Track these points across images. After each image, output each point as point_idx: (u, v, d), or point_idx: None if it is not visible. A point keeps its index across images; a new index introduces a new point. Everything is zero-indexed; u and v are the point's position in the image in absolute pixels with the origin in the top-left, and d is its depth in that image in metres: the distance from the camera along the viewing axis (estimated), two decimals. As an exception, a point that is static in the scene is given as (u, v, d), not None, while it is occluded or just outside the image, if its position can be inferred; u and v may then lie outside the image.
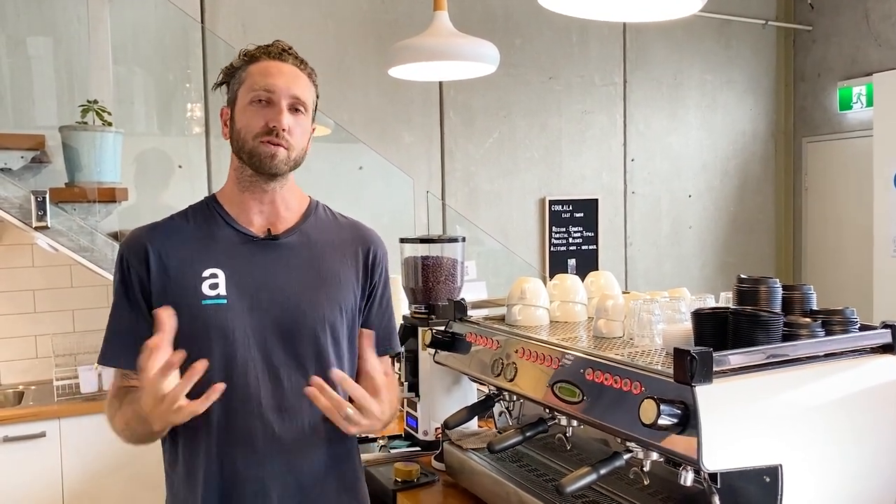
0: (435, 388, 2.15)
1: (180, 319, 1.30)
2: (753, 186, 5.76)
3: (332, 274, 1.46)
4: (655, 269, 5.41)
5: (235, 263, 1.40)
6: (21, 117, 3.55)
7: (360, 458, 1.56)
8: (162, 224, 1.45)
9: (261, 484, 1.38)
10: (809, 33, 5.65)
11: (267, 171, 1.40)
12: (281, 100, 1.38)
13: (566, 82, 4.99)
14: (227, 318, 1.37)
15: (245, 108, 1.39)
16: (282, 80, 1.39)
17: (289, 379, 1.39)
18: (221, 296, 1.37)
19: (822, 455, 1.31)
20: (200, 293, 1.37)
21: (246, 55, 1.43)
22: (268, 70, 1.39)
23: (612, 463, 1.36)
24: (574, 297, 1.87)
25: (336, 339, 1.45)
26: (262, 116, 1.38)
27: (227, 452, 1.37)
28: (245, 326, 1.38)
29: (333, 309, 1.45)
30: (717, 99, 5.55)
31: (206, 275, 1.38)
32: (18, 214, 2.92)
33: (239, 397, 1.36)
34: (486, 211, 4.77)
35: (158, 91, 3.99)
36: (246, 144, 1.39)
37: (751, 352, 1.29)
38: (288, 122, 1.38)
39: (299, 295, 1.42)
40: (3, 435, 3.05)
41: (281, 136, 1.37)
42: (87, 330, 3.63)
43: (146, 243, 1.39)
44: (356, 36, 4.32)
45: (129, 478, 3.22)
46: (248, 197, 1.44)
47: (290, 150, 1.40)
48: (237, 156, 1.42)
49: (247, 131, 1.38)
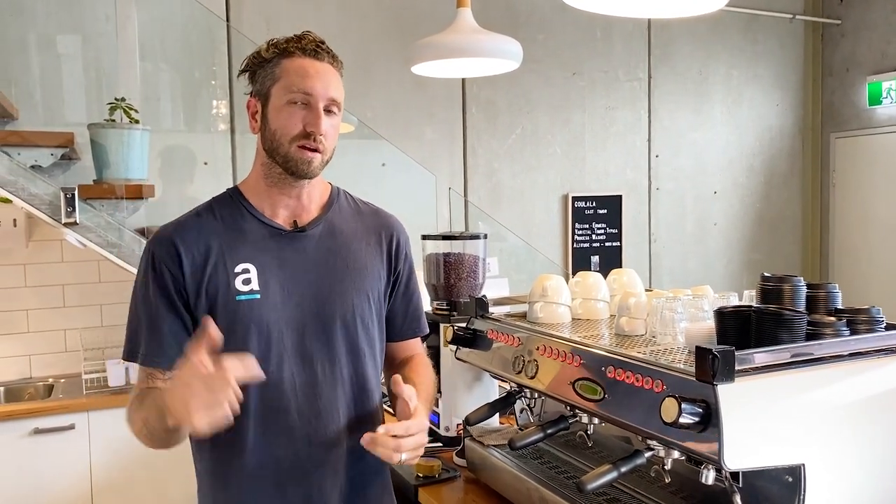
0: (456, 384, 2.15)
1: (216, 315, 1.33)
2: (780, 183, 5.69)
3: (359, 262, 1.48)
4: (680, 266, 5.37)
5: (265, 257, 1.41)
6: (51, 115, 3.60)
7: None
8: (188, 221, 1.44)
9: (302, 473, 1.41)
10: (838, 27, 5.56)
11: (302, 176, 1.40)
12: (318, 103, 1.37)
13: (590, 78, 4.96)
14: (262, 312, 1.38)
15: (281, 109, 1.37)
16: (319, 82, 1.37)
17: (322, 369, 1.41)
18: (255, 290, 1.38)
19: (845, 455, 1.30)
20: (234, 289, 1.38)
21: (276, 47, 1.40)
22: (304, 70, 1.37)
23: (633, 461, 1.36)
24: (596, 294, 1.86)
25: (366, 326, 1.47)
26: (299, 119, 1.36)
27: (265, 444, 1.38)
28: (278, 320, 1.39)
29: (361, 297, 1.46)
30: (743, 94, 5.49)
31: (238, 270, 1.39)
32: (48, 211, 2.97)
33: (274, 389, 1.38)
34: (509, 207, 4.77)
35: (184, 88, 4.04)
36: (281, 147, 1.38)
37: (774, 351, 1.28)
38: (325, 127, 1.38)
39: (328, 286, 1.44)
40: (33, 427, 3.11)
41: (318, 140, 1.37)
42: (114, 325, 3.69)
43: (177, 242, 1.39)
44: (379, 32, 4.33)
45: (156, 470, 3.27)
46: (276, 192, 1.44)
47: (324, 154, 1.40)
48: (269, 155, 1.41)
49: (282, 133, 1.37)
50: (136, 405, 1.36)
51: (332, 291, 1.44)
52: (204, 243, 1.40)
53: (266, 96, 1.40)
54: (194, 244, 1.39)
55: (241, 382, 1.16)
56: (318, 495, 1.42)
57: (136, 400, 1.37)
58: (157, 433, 1.31)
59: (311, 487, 1.42)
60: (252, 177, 1.48)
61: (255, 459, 1.40)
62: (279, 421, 1.39)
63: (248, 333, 1.37)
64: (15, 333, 3.61)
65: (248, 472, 1.40)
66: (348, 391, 1.44)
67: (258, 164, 1.46)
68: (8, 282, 3.59)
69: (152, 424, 1.30)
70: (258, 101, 1.42)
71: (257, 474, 1.40)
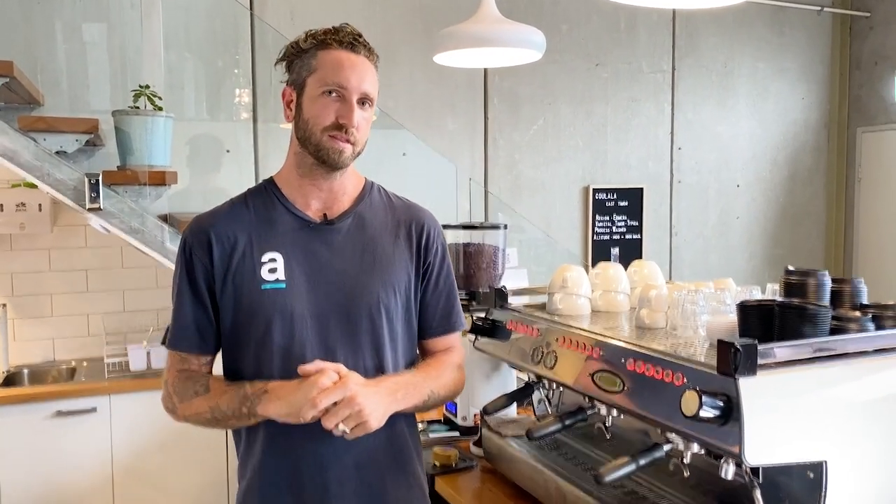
0: (475, 374, 2.15)
1: (241, 303, 1.37)
2: (804, 178, 5.62)
3: (386, 256, 1.48)
4: (701, 259, 5.32)
5: (293, 248, 1.43)
6: (76, 102, 3.64)
7: (418, 440, 1.57)
8: (223, 210, 1.48)
9: (318, 463, 1.41)
10: (867, 20, 5.47)
11: (333, 165, 1.42)
12: (352, 96, 1.39)
13: (613, 69, 4.92)
14: (286, 302, 1.40)
15: (316, 99, 1.39)
16: (354, 75, 1.39)
17: (345, 360, 1.41)
18: (280, 280, 1.41)
19: (869, 453, 1.28)
20: (260, 278, 1.40)
21: (314, 38, 1.42)
22: (340, 62, 1.39)
23: (651, 454, 1.35)
24: (617, 286, 1.85)
25: (391, 320, 1.47)
26: (332, 111, 1.38)
27: (285, 432, 1.39)
28: (303, 310, 1.41)
29: (388, 291, 1.47)
30: (768, 87, 5.42)
31: (265, 259, 1.41)
32: (73, 196, 2.99)
33: (297, 379, 1.39)
34: (529, 198, 4.75)
35: (208, 77, 4.05)
36: (313, 136, 1.40)
37: (797, 345, 1.26)
38: (357, 120, 1.40)
39: (354, 278, 1.45)
40: (56, 409, 3.16)
41: (350, 132, 1.39)
42: (136, 310, 3.74)
43: (209, 230, 1.43)
44: (402, 21, 4.32)
45: (176, 453, 3.31)
46: (308, 182, 1.46)
47: (355, 146, 1.42)
48: (302, 144, 1.43)
49: (315, 123, 1.39)
50: (188, 387, 1.43)
51: (358, 283, 1.45)
52: (234, 232, 1.43)
53: (301, 86, 1.42)
54: (224, 233, 1.43)
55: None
56: (337, 488, 1.43)
57: (180, 382, 1.44)
58: (227, 420, 1.39)
59: (327, 479, 1.42)
60: (286, 167, 1.50)
61: (275, 445, 1.42)
62: None
63: (272, 322, 1.40)
64: (40, 317, 3.66)
65: (269, 457, 1.42)
66: None
67: (291, 154, 1.48)
68: (33, 266, 3.64)
69: (223, 411, 1.38)
70: (293, 90, 1.44)
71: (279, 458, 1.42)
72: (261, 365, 1.41)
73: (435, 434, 2.31)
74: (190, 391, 1.42)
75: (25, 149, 2.93)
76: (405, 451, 1.51)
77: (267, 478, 1.43)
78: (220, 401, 1.38)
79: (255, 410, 1.35)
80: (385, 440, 1.46)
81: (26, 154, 2.93)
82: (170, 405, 1.46)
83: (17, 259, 3.61)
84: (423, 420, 2.46)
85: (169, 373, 1.47)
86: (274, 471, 1.43)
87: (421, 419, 2.46)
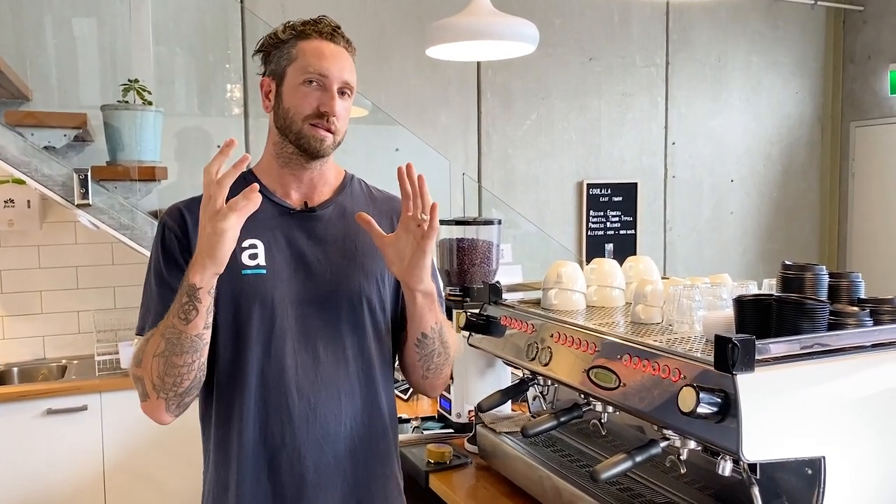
0: (469, 370, 2.14)
1: (220, 288, 1.32)
2: (798, 171, 5.62)
3: (368, 246, 1.46)
4: (695, 254, 5.32)
5: (274, 235, 1.42)
6: (65, 96, 3.60)
7: (397, 434, 1.55)
8: (200, 197, 1.44)
9: (296, 452, 1.39)
10: (860, 14, 5.47)
11: (314, 154, 1.41)
12: (333, 84, 1.39)
13: (607, 63, 4.91)
14: (267, 288, 1.39)
15: (296, 88, 1.39)
16: (335, 64, 1.39)
17: (325, 349, 1.40)
18: (261, 266, 1.40)
19: (866, 448, 1.27)
20: (240, 263, 1.39)
21: (293, 29, 1.42)
22: (321, 52, 1.39)
23: (648, 451, 1.34)
24: (612, 281, 1.84)
25: (372, 309, 1.46)
26: (314, 99, 1.38)
27: (263, 420, 1.38)
28: (283, 297, 1.39)
29: (370, 280, 1.46)
30: (762, 81, 5.41)
31: (245, 245, 1.39)
32: (62, 192, 2.97)
33: (275, 366, 1.38)
34: (523, 194, 4.73)
35: (198, 71, 4.02)
36: (294, 125, 1.39)
37: (795, 340, 1.25)
38: (338, 109, 1.40)
39: (336, 266, 1.44)
40: (46, 407, 3.13)
41: (331, 121, 1.39)
42: (127, 307, 3.70)
43: (186, 215, 1.41)
44: (394, 16, 4.30)
45: (167, 451, 3.28)
46: (287, 172, 1.45)
47: (336, 135, 1.42)
48: (282, 133, 1.42)
49: (296, 112, 1.39)
50: (137, 360, 1.33)
51: (340, 272, 1.44)
52: None
53: (281, 76, 1.42)
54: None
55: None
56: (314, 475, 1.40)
57: (136, 355, 1.34)
58: (181, 334, 1.27)
59: (304, 468, 1.40)
60: (265, 158, 1.49)
61: (251, 434, 1.39)
62: (278, 396, 1.39)
63: (252, 308, 1.38)
64: (29, 314, 3.63)
65: (246, 446, 1.39)
66: (352, 373, 1.43)
67: (270, 144, 1.47)
68: (22, 263, 3.60)
69: (172, 325, 1.27)
70: (272, 80, 1.44)
71: (255, 448, 1.39)
72: (239, 350, 1.38)
73: (429, 431, 2.30)
74: (142, 351, 1.32)
75: (13, 144, 2.90)
76: (382, 445, 1.49)
77: (244, 466, 1.40)
78: (165, 323, 1.28)
79: (191, 281, 1.24)
80: (364, 433, 1.44)
81: (13, 149, 2.90)
82: (141, 389, 1.33)
83: (5, 256, 3.58)
84: (416, 417, 2.44)
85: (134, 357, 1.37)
86: (250, 463, 1.40)
87: (414, 415, 2.45)
